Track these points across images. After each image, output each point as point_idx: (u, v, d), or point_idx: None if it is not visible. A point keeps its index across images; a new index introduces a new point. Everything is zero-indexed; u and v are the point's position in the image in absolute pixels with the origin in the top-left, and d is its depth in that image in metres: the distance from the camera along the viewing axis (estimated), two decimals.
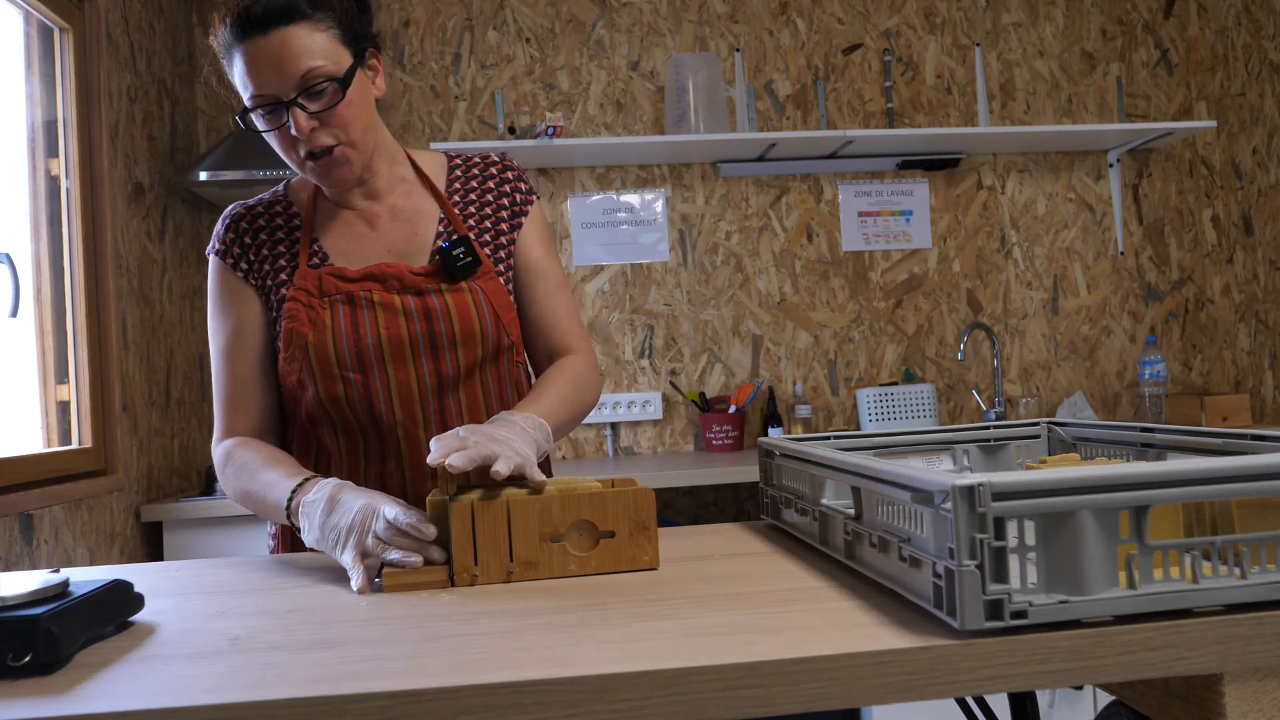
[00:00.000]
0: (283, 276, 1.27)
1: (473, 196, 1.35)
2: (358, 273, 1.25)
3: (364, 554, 1.00)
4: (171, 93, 2.77)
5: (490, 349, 1.28)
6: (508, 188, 1.36)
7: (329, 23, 1.17)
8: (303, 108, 1.15)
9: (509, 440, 1.06)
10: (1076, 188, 3.24)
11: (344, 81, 1.17)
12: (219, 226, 1.32)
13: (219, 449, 1.27)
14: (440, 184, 1.35)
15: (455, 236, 1.29)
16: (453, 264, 1.26)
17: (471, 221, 1.33)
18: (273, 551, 1.36)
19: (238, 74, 1.18)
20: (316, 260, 1.28)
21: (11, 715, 0.65)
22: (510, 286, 1.33)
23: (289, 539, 1.32)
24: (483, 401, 1.29)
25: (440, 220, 1.32)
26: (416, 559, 0.99)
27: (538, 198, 1.39)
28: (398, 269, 1.25)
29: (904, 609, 0.79)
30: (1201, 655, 0.70)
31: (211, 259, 1.31)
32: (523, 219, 1.35)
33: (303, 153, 1.19)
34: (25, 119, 2.13)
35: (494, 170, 1.37)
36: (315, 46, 1.15)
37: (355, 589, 0.97)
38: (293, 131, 1.16)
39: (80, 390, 2.20)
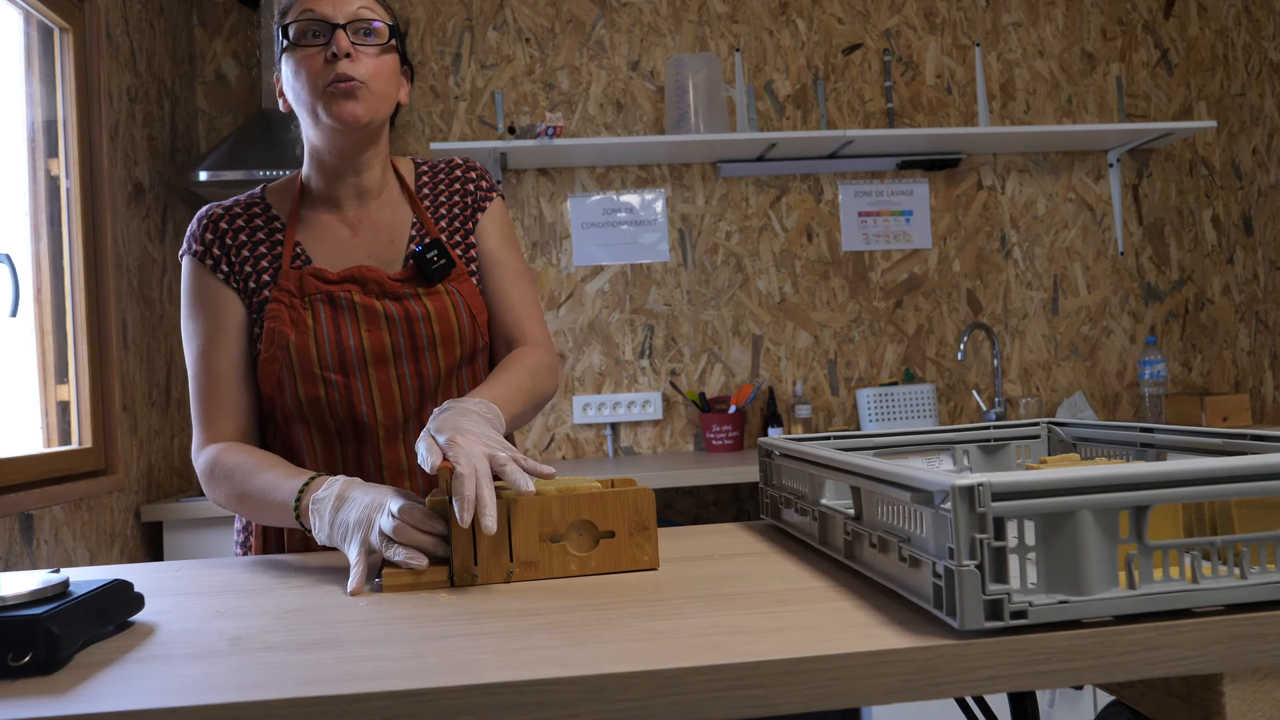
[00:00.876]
0: (265, 278, 1.27)
1: (441, 199, 1.36)
2: (338, 274, 1.26)
3: (369, 551, 0.99)
4: (171, 93, 2.77)
5: (468, 350, 1.30)
6: (471, 186, 1.37)
7: (387, 9, 1.28)
8: (348, 35, 1.21)
9: (493, 440, 1.03)
10: (1076, 188, 3.24)
11: (392, 32, 1.25)
12: (194, 227, 1.30)
13: (202, 455, 1.24)
14: (411, 188, 1.36)
15: (428, 240, 1.30)
16: (427, 267, 1.27)
17: (442, 224, 1.34)
18: (242, 553, 1.35)
19: (296, 6, 1.24)
20: (299, 262, 1.28)
21: (11, 715, 0.65)
22: (481, 287, 1.35)
23: (260, 541, 1.32)
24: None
25: (413, 225, 1.33)
26: (421, 560, 0.96)
27: (500, 196, 1.40)
28: (377, 274, 1.26)
29: (904, 609, 0.79)
30: (1201, 655, 0.70)
31: (186, 261, 1.29)
32: (480, 214, 1.36)
33: (329, 78, 1.20)
34: (25, 119, 2.13)
35: (458, 173, 1.38)
36: (375, 5, 1.25)
37: (349, 590, 0.95)
38: (332, 49, 1.19)
39: (80, 390, 2.20)
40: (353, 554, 1.00)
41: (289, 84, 1.25)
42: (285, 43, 1.23)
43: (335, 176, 1.29)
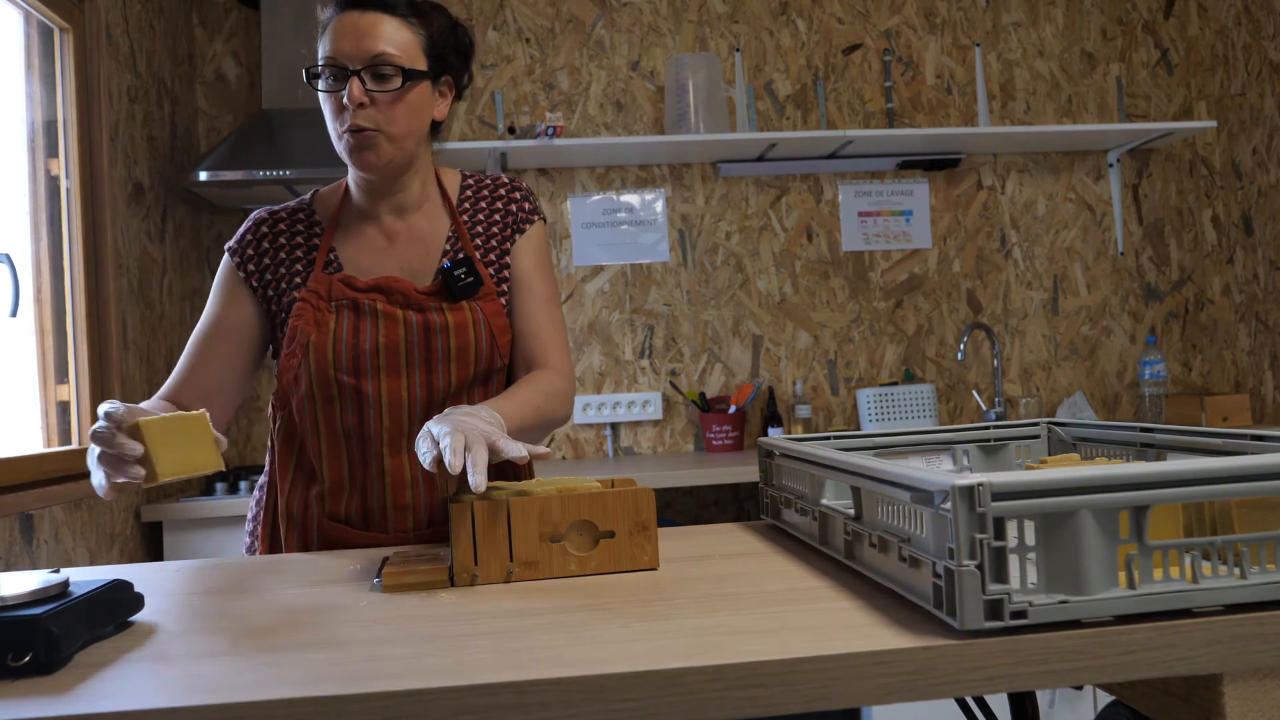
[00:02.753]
0: (297, 280, 1.31)
1: (480, 216, 1.38)
2: (366, 283, 1.29)
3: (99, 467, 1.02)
4: (171, 93, 2.77)
5: (482, 368, 1.31)
6: (514, 207, 1.39)
7: (419, 30, 1.26)
8: (363, 81, 1.21)
9: (491, 429, 1.06)
10: (1076, 188, 3.24)
11: (408, 75, 1.23)
12: (243, 226, 1.36)
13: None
14: (454, 201, 1.38)
15: (460, 256, 1.32)
16: (454, 284, 1.29)
17: (478, 241, 1.36)
18: (249, 550, 1.38)
19: (324, 40, 1.25)
20: (332, 268, 1.32)
21: (11, 715, 0.65)
22: (508, 308, 1.36)
23: (267, 539, 1.34)
24: None
25: (448, 239, 1.35)
26: (122, 477, 0.99)
27: (542, 219, 1.41)
28: (404, 285, 1.29)
29: (904, 609, 0.79)
30: (1201, 655, 0.70)
31: (225, 255, 1.36)
32: (519, 235, 1.37)
33: (345, 124, 1.23)
34: (25, 119, 2.13)
35: (502, 190, 1.40)
36: (398, 39, 1.23)
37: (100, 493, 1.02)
38: (344, 99, 1.21)
39: (80, 390, 2.20)
40: (91, 462, 1.04)
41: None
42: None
43: (372, 194, 1.33)
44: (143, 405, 1.20)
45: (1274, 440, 0.91)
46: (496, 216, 1.38)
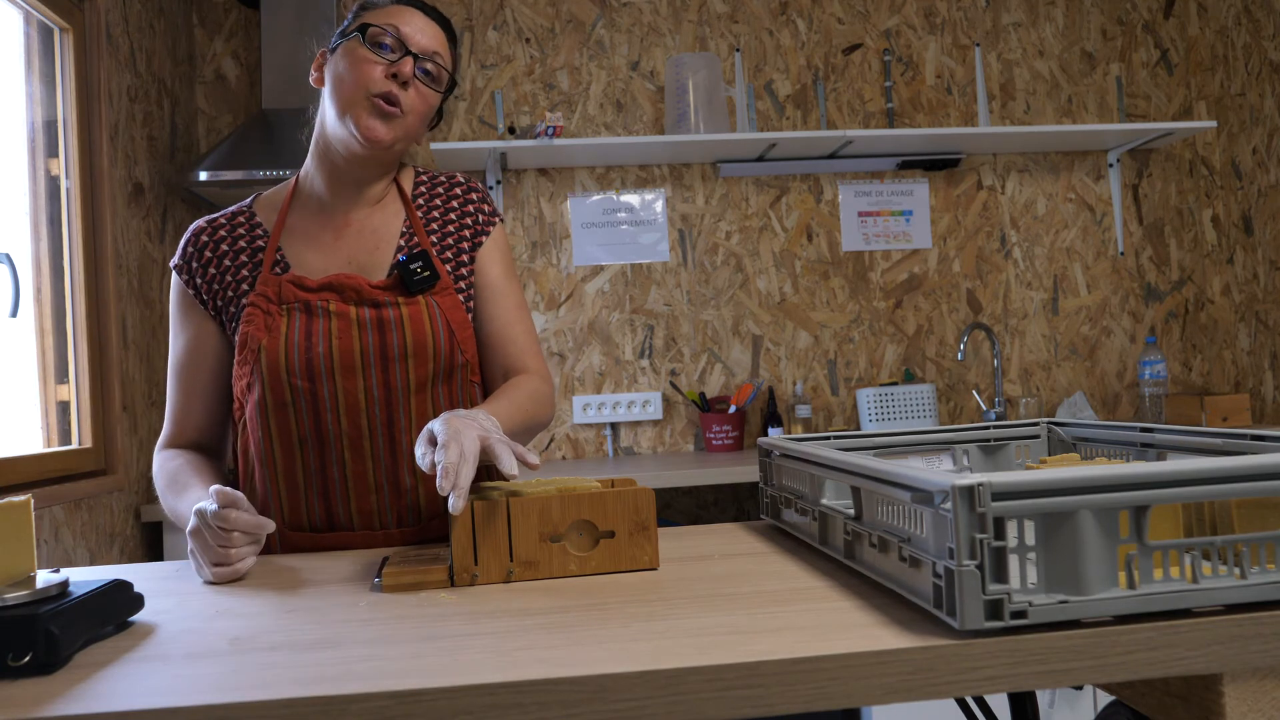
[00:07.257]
0: (244, 287, 1.29)
1: (435, 215, 1.36)
2: (317, 282, 1.26)
3: (220, 562, 1.04)
4: (171, 93, 2.77)
5: (443, 365, 1.28)
6: (471, 209, 1.37)
7: (452, 55, 1.34)
8: (418, 64, 1.26)
9: (489, 427, 1.06)
10: (1076, 188, 3.24)
11: (447, 87, 1.31)
12: (182, 239, 1.34)
13: (157, 456, 1.33)
14: (408, 195, 1.37)
15: (414, 250, 1.31)
16: (410, 278, 1.27)
17: (434, 239, 1.34)
18: None
19: (381, 12, 1.28)
20: (279, 269, 1.29)
21: (11, 715, 0.65)
22: (470, 305, 1.34)
23: None
24: (432, 418, 1.28)
25: (402, 234, 1.33)
26: (248, 561, 1.05)
27: (501, 220, 1.41)
28: (356, 281, 1.27)
29: (904, 609, 0.79)
30: (1201, 655, 0.70)
31: (173, 274, 1.34)
32: (483, 238, 1.36)
33: (379, 90, 1.23)
34: (25, 119, 2.13)
35: (458, 191, 1.38)
36: (445, 56, 1.31)
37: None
38: (394, 70, 1.24)
39: (80, 390, 2.20)
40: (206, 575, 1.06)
41: (336, 71, 1.27)
42: (354, 35, 1.26)
43: (337, 177, 1.31)
44: (175, 474, 1.26)
45: (1274, 440, 0.91)
46: (453, 215, 1.36)
